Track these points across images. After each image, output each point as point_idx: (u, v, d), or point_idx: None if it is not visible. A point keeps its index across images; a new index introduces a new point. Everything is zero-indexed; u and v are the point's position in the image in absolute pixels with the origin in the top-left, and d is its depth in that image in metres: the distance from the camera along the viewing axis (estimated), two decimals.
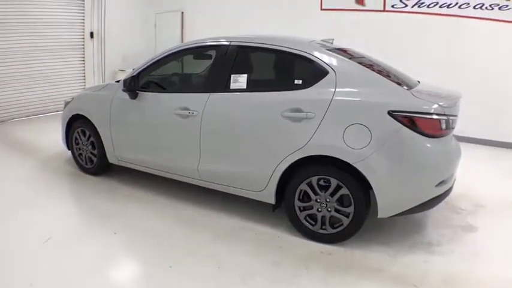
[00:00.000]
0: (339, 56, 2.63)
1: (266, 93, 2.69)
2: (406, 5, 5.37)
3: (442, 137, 2.43)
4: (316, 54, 2.61)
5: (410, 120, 2.32)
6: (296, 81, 2.62)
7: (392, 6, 5.46)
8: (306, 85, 2.58)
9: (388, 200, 2.41)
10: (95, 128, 3.53)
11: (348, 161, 2.39)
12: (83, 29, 6.24)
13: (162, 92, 3.26)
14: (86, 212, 3.17)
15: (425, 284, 2.22)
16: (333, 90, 2.48)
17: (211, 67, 3.00)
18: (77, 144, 3.79)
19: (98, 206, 3.19)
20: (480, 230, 2.91)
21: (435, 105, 2.37)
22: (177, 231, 2.79)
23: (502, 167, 4.47)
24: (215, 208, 3.10)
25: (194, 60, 3.31)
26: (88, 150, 3.70)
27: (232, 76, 2.79)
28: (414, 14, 5.34)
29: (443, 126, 2.40)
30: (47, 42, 5.82)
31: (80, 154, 3.79)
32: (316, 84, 2.54)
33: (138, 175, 3.52)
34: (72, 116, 3.73)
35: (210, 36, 3.17)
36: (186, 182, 3.14)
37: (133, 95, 3.21)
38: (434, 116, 2.34)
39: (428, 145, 2.36)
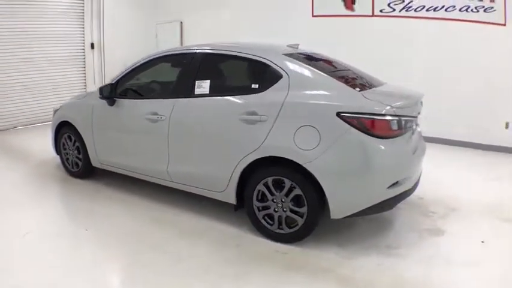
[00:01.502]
0: (294, 60, 2.71)
1: (226, 97, 2.80)
2: (394, 10, 5.39)
3: (394, 137, 2.45)
4: (272, 58, 2.71)
5: (358, 122, 2.36)
6: (253, 86, 2.72)
7: (381, 11, 5.49)
8: (261, 89, 2.68)
9: (338, 201, 2.45)
10: (80, 134, 3.74)
11: (299, 162, 2.46)
12: (83, 40, 6.57)
13: (136, 99, 3.43)
14: (64, 211, 3.39)
15: None
16: (286, 93, 2.56)
17: (178, 74, 3.14)
18: (65, 149, 4.01)
19: (78, 206, 3.40)
20: (447, 234, 2.88)
21: (385, 107, 2.41)
22: (146, 229, 2.93)
23: (486, 171, 4.40)
24: (185, 208, 3.23)
25: (172, 68, 3.46)
26: (74, 154, 3.91)
27: (196, 82, 2.92)
28: (402, 18, 5.35)
29: (394, 127, 2.43)
30: (48, 53, 6.16)
31: (67, 159, 4.00)
32: (270, 88, 2.64)
33: (122, 178, 3.68)
34: (60, 122, 3.96)
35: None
36: (159, 183, 3.28)
37: (111, 102, 3.40)
38: (383, 117, 2.38)
39: (378, 146, 2.39)
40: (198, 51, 3.05)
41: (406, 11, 5.29)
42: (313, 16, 6.09)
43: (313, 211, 2.51)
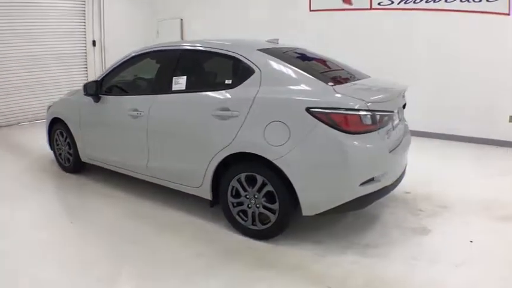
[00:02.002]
0: (267, 55, 2.66)
1: (201, 93, 2.79)
2: (393, 2, 5.23)
3: (367, 133, 2.37)
4: (244, 54, 2.67)
5: (328, 117, 2.30)
6: (227, 81, 2.70)
7: (379, 3, 5.34)
8: (234, 84, 2.65)
9: (309, 198, 2.40)
10: (70, 130, 3.80)
11: (269, 158, 2.42)
12: (85, 37, 6.68)
13: (120, 95, 3.46)
14: (52, 204, 3.46)
15: (341, 286, 2.17)
16: (257, 88, 2.52)
17: (158, 70, 3.14)
18: (57, 145, 4.09)
19: (65, 200, 3.51)
20: (433, 233, 2.77)
21: (356, 101, 2.33)
22: (126, 222, 2.97)
23: (487, 166, 4.24)
24: (166, 202, 3.25)
25: (154, 64, 3.47)
26: (66, 150, 3.98)
27: (174, 78, 2.92)
28: (401, 11, 5.18)
29: (367, 122, 2.35)
30: (50, 51, 6.29)
31: (60, 154, 4.09)
32: (243, 83, 2.60)
33: (111, 173, 3.72)
34: (53, 119, 4.04)
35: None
36: (142, 178, 3.31)
37: (96, 99, 3.43)
38: (354, 112, 2.31)
39: (349, 142, 2.32)
40: (176, 47, 3.04)
41: (405, 3, 5.13)
42: (310, 10, 5.99)
43: (284, 208, 2.47)
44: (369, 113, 2.34)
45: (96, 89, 3.40)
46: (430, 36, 5.06)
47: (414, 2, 5.06)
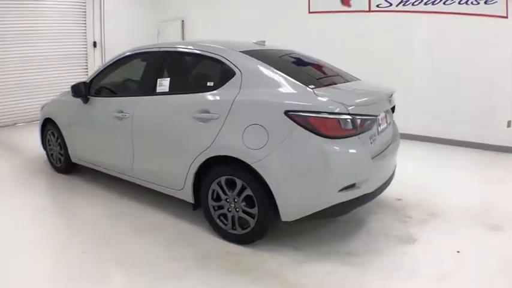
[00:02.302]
0: (249, 57, 2.63)
1: (183, 95, 2.77)
2: (391, 4, 5.16)
3: (346, 137, 2.32)
4: (226, 56, 2.64)
5: (306, 121, 2.25)
6: (208, 83, 2.67)
7: (378, 6, 5.27)
8: (216, 87, 2.62)
9: (287, 203, 2.35)
10: (60, 130, 3.83)
11: (247, 162, 2.38)
12: (85, 38, 6.73)
13: (108, 97, 3.46)
14: (38, 203, 3.46)
15: None
16: (238, 91, 2.49)
17: (143, 72, 3.14)
18: (49, 145, 4.12)
19: (54, 199, 3.55)
20: (419, 241, 2.69)
21: (336, 105, 2.28)
22: (107, 222, 2.98)
23: (482, 172, 4.13)
24: (153, 204, 3.24)
25: (141, 66, 3.45)
26: (57, 150, 4.00)
27: (158, 80, 2.91)
28: (399, 13, 5.10)
29: (347, 126, 2.30)
30: (50, 51, 6.34)
31: (52, 154, 4.11)
32: (224, 86, 2.57)
33: (102, 174, 3.71)
34: (45, 119, 4.07)
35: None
36: (128, 180, 3.30)
37: (85, 100, 3.44)
38: (333, 116, 2.25)
39: (327, 146, 2.26)
40: (160, 49, 3.03)
41: (404, 5, 5.05)
42: (309, 12, 5.94)
43: (263, 213, 2.42)
44: (349, 117, 2.28)
45: (85, 90, 3.41)
46: (428, 38, 4.98)
47: (412, 5, 4.97)
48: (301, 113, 2.25)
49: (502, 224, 2.91)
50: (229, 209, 2.56)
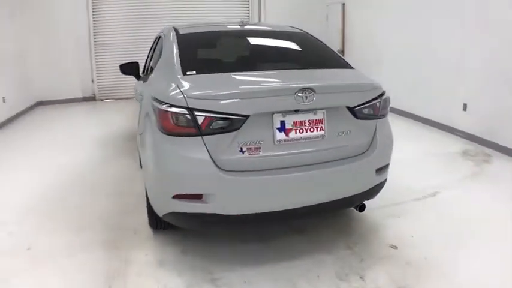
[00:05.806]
0: (176, 39, 2.50)
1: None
2: None
3: (185, 136, 1.87)
4: (165, 36, 2.69)
5: (156, 112, 2.01)
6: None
7: None
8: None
9: (150, 197, 2.22)
10: None
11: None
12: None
13: None
14: None
15: None
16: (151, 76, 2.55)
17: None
18: None
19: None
20: None
21: (178, 95, 1.91)
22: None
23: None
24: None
25: None
26: None
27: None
28: None
29: (181, 122, 1.86)
30: None
31: None
32: (155, 67, 2.65)
33: None
34: None
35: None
36: None
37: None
38: (169, 109, 1.89)
39: (161, 143, 1.96)
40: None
41: None
42: None
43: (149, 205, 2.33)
44: (185, 111, 1.84)
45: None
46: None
47: None
48: (157, 103, 2.00)
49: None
50: None
